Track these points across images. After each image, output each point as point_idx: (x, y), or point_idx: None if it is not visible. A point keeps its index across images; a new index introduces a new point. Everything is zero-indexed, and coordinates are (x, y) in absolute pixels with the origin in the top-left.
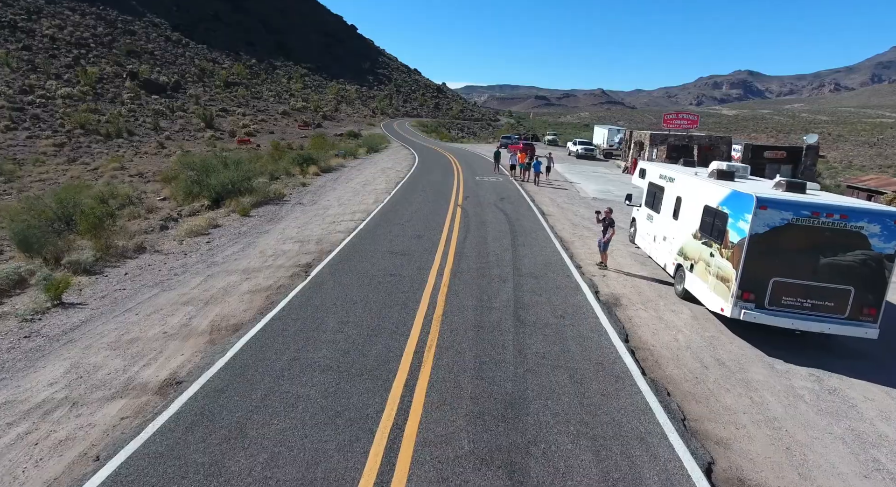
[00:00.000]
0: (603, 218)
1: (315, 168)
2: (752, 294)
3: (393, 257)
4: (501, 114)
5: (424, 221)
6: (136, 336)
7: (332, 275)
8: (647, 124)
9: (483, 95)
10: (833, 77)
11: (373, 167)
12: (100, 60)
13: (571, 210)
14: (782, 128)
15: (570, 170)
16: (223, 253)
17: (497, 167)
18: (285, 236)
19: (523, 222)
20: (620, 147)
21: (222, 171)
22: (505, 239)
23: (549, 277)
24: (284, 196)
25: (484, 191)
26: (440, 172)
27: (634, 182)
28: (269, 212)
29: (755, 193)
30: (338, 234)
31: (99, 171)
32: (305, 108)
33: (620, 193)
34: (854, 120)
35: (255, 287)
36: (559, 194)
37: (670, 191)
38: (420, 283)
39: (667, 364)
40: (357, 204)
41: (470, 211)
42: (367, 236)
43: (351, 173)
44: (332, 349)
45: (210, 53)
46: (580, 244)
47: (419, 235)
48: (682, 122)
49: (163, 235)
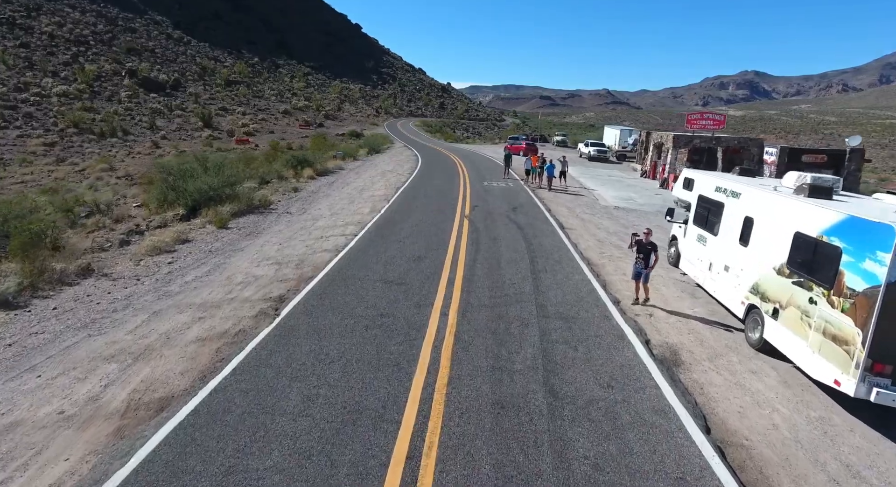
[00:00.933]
0: (640, 240)
1: (310, 170)
2: (889, 365)
3: (386, 288)
4: (506, 114)
5: (426, 237)
6: (20, 418)
7: (308, 315)
8: (653, 124)
9: (488, 95)
10: (840, 78)
11: (372, 169)
12: (99, 58)
13: (594, 222)
14: (791, 128)
15: (584, 174)
16: (183, 278)
17: (507, 171)
18: (262, 255)
19: (542, 239)
20: (635, 148)
21: (202, 176)
22: (522, 261)
23: (583, 318)
24: (271, 203)
25: (494, 198)
26: (445, 176)
27: (676, 194)
28: (250, 223)
29: (894, 223)
30: (323, 254)
31: (86, 172)
32: (307, 108)
33: (644, 202)
34: (863, 121)
35: (206, 332)
36: (577, 202)
37: (734, 209)
38: (419, 330)
39: (776, 474)
40: (351, 214)
41: (479, 223)
42: (358, 257)
43: (348, 176)
44: (288, 450)
45: (212, 52)
46: (612, 268)
47: (419, 256)
48: (708, 123)
49: (120, 253)
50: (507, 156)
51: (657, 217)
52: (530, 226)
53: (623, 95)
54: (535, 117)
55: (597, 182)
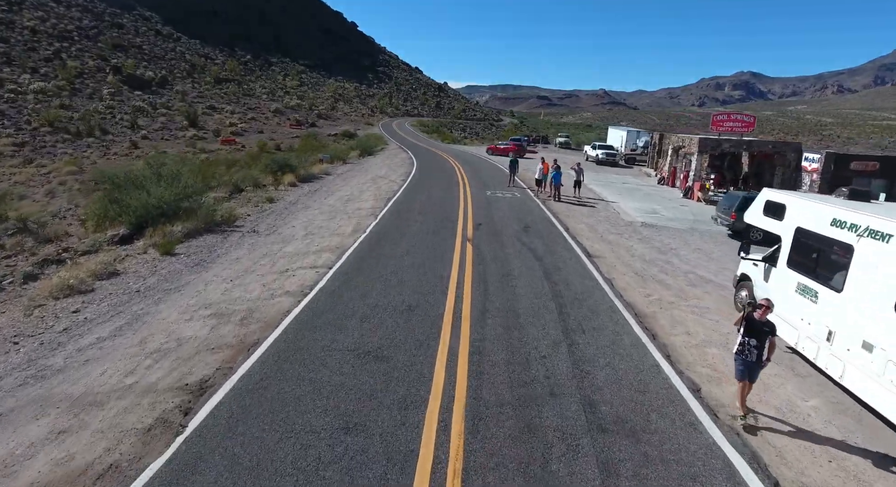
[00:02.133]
0: (753, 315)
1: (292, 176)
2: None
3: (360, 366)
4: (504, 114)
5: (420, 273)
6: None
7: (229, 431)
8: (651, 125)
9: (485, 95)
10: (836, 79)
11: (363, 175)
12: (83, 54)
13: (623, 246)
14: (789, 129)
15: (595, 180)
16: (80, 340)
17: (513, 179)
18: (202, 301)
19: (566, 273)
20: (646, 151)
21: (154, 186)
22: (547, 312)
23: (660, 432)
24: (236, 220)
25: (500, 213)
26: (442, 183)
27: (753, 221)
28: (204, 246)
29: None
30: (282, 300)
31: (52, 175)
32: (300, 107)
33: (672, 215)
34: (860, 122)
35: (52, 471)
36: (596, 217)
37: (880, 258)
38: (402, 465)
39: None
40: (329, 235)
41: (485, 249)
42: (327, 306)
43: (335, 183)
44: None
45: (203, 48)
46: (668, 322)
47: (410, 306)
48: (735, 124)
49: (16, 294)
50: (512, 161)
51: (693, 236)
52: (549, 253)
53: (620, 96)
54: (533, 117)
55: (612, 190)
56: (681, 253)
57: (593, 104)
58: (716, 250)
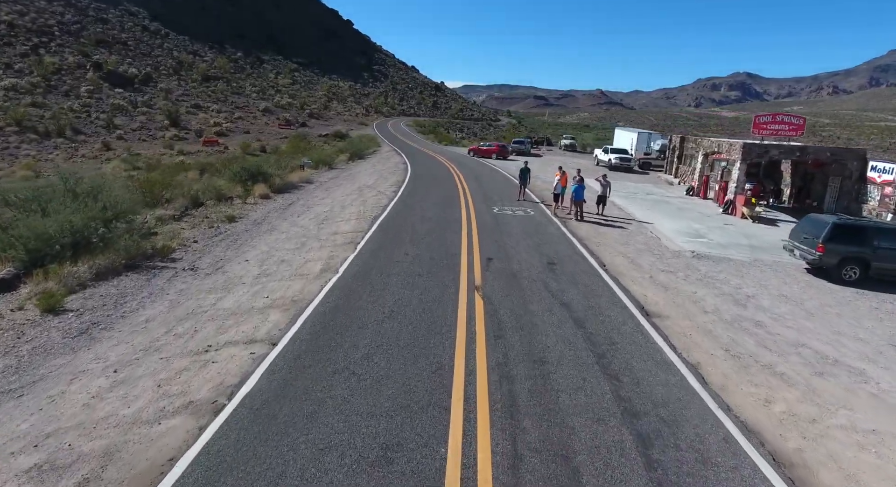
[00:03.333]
0: None
1: (264, 187)
2: None
3: None
4: (501, 113)
5: (406, 362)
6: None
7: None
8: (648, 125)
9: (481, 95)
10: (831, 80)
11: (349, 184)
12: (62, 50)
13: (685, 293)
14: None
15: (614, 190)
16: None
17: (523, 191)
18: (38, 428)
19: (629, 358)
20: (662, 156)
21: (65, 207)
22: (621, 453)
23: None
24: (173, 250)
25: (514, 240)
26: (440, 196)
27: None
28: (112, 295)
29: None
30: (173, 429)
31: (2, 180)
32: (291, 105)
33: (724, 240)
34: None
35: None
36: (632, 244)
37: None
38: None
39: None
40: (289, 276)
41: (502, 308)
42: (245, 446)
43: (315, 195)
44: None
45: (192, 45)
46: (833, 478)
47: (386, 450)
48: (782, 128)
49: None
50: (523, 170)
51: (764, 273)
52: (591, 312)
53: (616, 96)
54: (531, 117)
55: (638, 204)
56: (766, 306)
57: (590, 104)
58: (807, 299)
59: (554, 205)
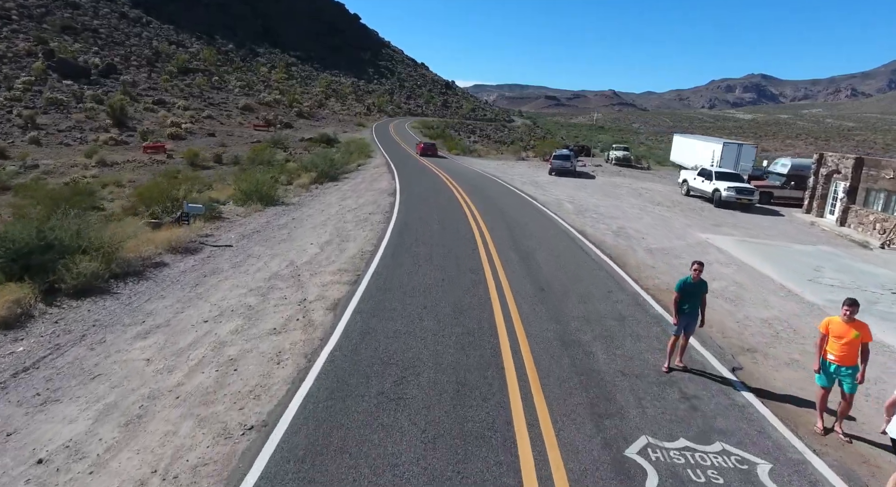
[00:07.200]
0: None
1: (157, 243)
2: None
3: None
4: (513, 113)
5: None
6: None
7: None
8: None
9: (492, 94)
10: (849, 82)
11: (262, 264)
12: (15, 36)
13: None
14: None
15: (756, 253)
16: None
17: (683, 348)
18: None
19: None
20: (789, 183)
21: None
22: None
23: None
24: None
25: None
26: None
27: None
28: None
29: None
30: None
31: None
32: (278, 103)
33: None
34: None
35: None
36: None
37: None
38: None
39: None
40: None
41: None
42: None
43: (217, 274)
44: None
45: (176, 35)
46: None
47: None
48: None
49: None
50: (681, 300)
51: None
52: None
53: (629, 97)
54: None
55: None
56: None
57: (602, 105)
58: None
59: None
